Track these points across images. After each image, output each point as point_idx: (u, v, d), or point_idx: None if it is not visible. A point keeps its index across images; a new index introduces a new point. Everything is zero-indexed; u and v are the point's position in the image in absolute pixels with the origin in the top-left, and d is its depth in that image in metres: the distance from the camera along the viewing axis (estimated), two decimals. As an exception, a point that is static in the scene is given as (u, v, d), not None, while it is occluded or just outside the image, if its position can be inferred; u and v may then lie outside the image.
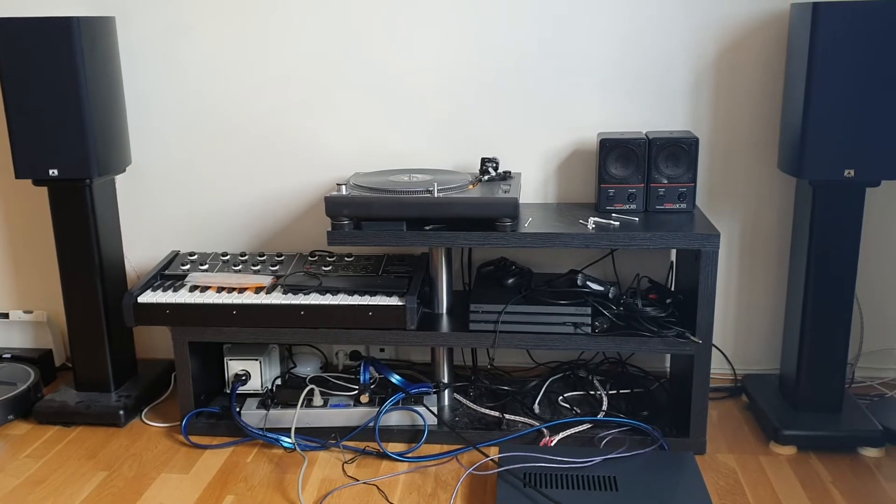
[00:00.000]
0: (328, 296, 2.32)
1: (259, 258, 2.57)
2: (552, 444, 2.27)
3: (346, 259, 2.54)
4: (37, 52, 2.30)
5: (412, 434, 2.35)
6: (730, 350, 2.72)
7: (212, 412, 2.46)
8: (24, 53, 2.30)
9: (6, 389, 2.55)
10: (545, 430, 2.33)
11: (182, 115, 2.68)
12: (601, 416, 2.39)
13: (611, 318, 2.28)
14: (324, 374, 2.66)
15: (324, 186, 2.70)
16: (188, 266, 2.52)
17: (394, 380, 2.45)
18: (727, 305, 2.69)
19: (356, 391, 2.44)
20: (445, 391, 2.50)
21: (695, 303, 2.20)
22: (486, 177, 2.41)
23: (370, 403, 2.38)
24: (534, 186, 2.63)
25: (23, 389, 2.55)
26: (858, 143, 2.15)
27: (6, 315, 2.87)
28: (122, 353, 2.65)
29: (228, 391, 2.47)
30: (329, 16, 2.56)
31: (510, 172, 2.45)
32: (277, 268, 2.49)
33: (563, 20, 2.50)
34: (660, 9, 2.47)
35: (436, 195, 2.21)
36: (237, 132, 2.68)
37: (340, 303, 2.29)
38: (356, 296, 2.32)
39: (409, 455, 2.28)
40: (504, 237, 2.21)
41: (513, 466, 2.08)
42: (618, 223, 2.27)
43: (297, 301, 2.30)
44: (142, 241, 2.80)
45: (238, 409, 2.39)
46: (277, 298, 2.32)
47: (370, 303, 2.28)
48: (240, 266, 2.51)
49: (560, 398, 2.51)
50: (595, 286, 2.33)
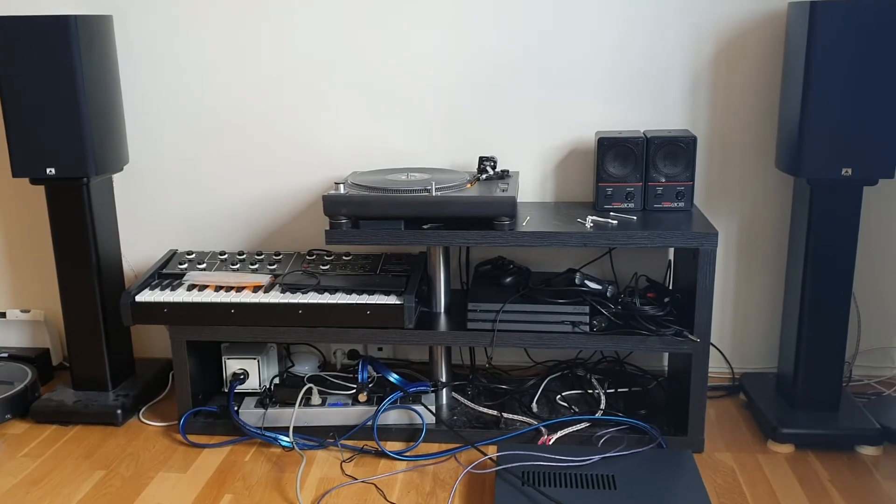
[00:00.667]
0: (326, 295, 2.32)
1: (257, 257, 2.56)
2: (550, 443, 2.27)
3: (344, 258, 2.54)
4: (34, 51, 2.30)
5: (410, 433, 2.35)
6: (728, 349, 2.72)
7: (210, 411, 2.45)
8: (21, 52, 2.30)
9: (3, 389, 2.54)
10: (543, 429, 2.33)
11: (180, 114, 2.68)
12: (599, 415, 2.39)
13: (609, 317, 2.28)
14: (322, 373, 2.66)
15: (322, 185, 2.70)
16: (186, 265, 2.52)
17: (392, 379, 2.45)
18: (725, 304, 2.69)
19: (354, 390, 2.44)
20: (443, 390, 2.50)
21: (693, 301, 2.20)
22: (484, 176, 2.40)
23: (368, 402, 2.38)
24: (532, 185, 2.63)
25: (20, 389, 2.55)
26: (855, 142, 2.16)
27: (3, 314, 2.87)
28: (120, 353, 2.65)
29: (226, 390, 2.47)
30: (327, 15, 2.56)
31: (508, 171, 2.45)
32: (275, 267, 2.49)
33: (561, 19, 2.50)
34: (658, 7, 2.47)
35: (434, 194, 2.21)
36: (235, 131, 2.68)
37: (338, 302, 2.29)
38: (354, 295, 2.32)
39: (408, 454, 2.28)
40: (502, 236, 2.21)
41: (511, 465, 2.08)
42: (616, 222, 2.27)
43: (295, 300, 2.30)
44: (139, 240, 2.80)
45: (236, 408, 2.38)
46: (275, 297, 2.32)
47: (368, 302, 2.28)
48: (238, 265, 2.51)
49: (558, 397, 2.51)
50: (593, 285, 2.33)
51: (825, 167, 2.19)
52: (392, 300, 2.28)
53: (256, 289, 2.38)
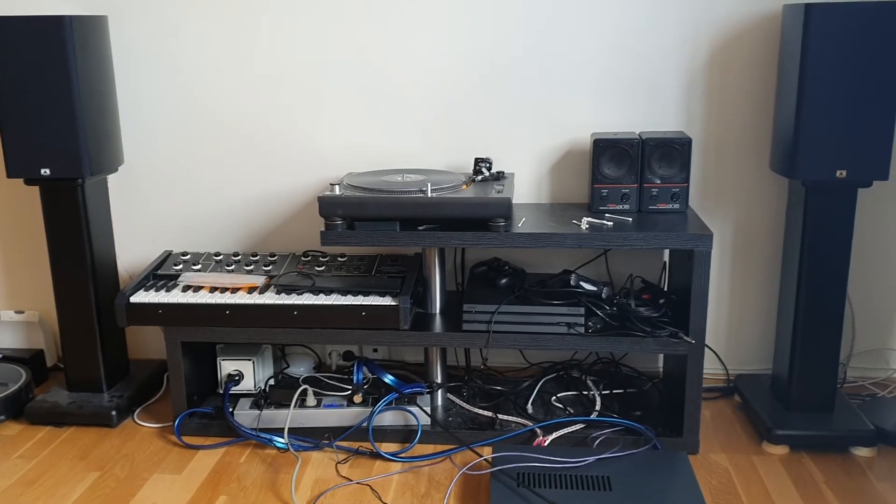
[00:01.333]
0: (321, 296, 2.32)
1: (252, 258, 2.56)
2: (545, 444, 2.27)
3: (340, 259, 2.53)
4: (29, 51, 2.29)
5: (405, 434, 2.35)
6: (722, 350, 2.72)
7: (204, 412, 2.45)
8: (16, 52, 2.29)
9: (-3, 390, 2.54)
10: (538, 430, 2.33)
11: (175, 115, 2.67)
12: (594, 416, 2.39)
13: (604, 319, 2.28)
14: (317, 375, 2.65)
15: (317, 186, 2.69)
16: (181, 266, 2.51)
17: (387, 380, 2.44)
18: (720, 305, 2.69)
19: (349, 391, 2.44)
20: (439, 391, 2.50)
21: (688, 303, 2.20)
22: (480, 177, 2.41)
23: (363, 403, 2.38)
24: (527, 186, 2.64)
25: (14, 390, 2.54)
26: (850, 144, 2.16)
27: (-3, 315, 2.87)
28: (115, 354, 2.64)
29: (221, 391, 2.47)
30: (322, 15, 2.56)
31: (503, 172, 2.45)
32: (270, 268, 2.49)
33: (556, 20, 2.50)
34: (653, 9, 2.47)
35: (429, 195, 2.21)
36: (230, 132, 2.67)
37: (334, 303, 2.29)
38: (349, 296, 2.32)
39: (403, 455, 2.28)
40: (497, 237, 2.21)
41: (506, 466, 2.08)
42: (611, 223, 2.27)
43: (291, 301, 2.30)
44: (134, 241, 2.79)
45: (231, 410, 2.38)
46: (270, 298, 2.31)
47: (363, 303, 2.28)
48: (233, 266, 2.50)
49: (553, 398, 2.51)
50: (588, 286, 2.34)
51: (820, 169, 2.19)
52: (387, 301, 2.28)
53: (251, 290, 2.37)
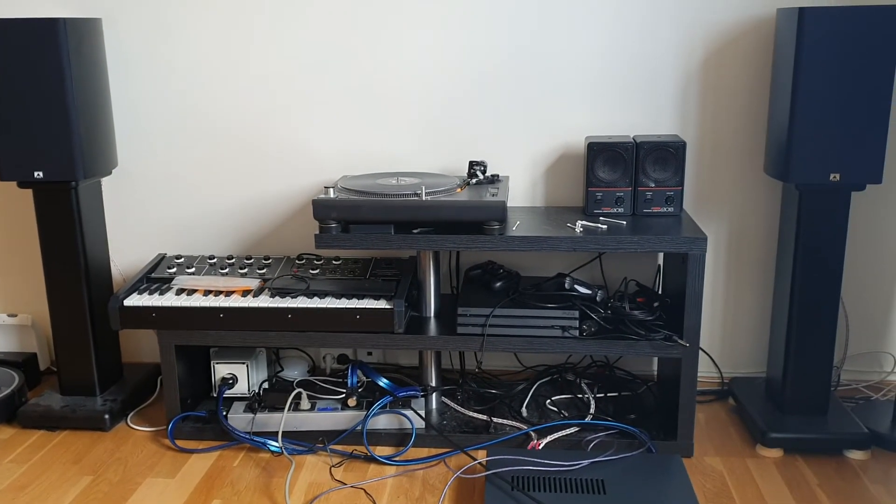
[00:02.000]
0: (316, 299, 2.32)
1: (246, 261, 2.56)
2: (540, 448, 2.27)
3: (334, 262, 2.53)
4: (22, 54, 2.28)
5: (400, 437, 2.35)
6: (717, 353, 2.73)
7: (198, 416, 2.44)
8: (10, 54, 2.28)
9: (-10, 393, 2.53)
10: (533, 434, 2.32)
11: (169, 118, 2.67)
12: (589, 420, 2.39)
13: (598, 322, 2.28)
14: (311, 378, 2.65)
15: (311, 189, 2.69)
16: (175, 269, 2.51)
17: (381, 383, 2.44)
18: (714, 309, 2.70)
19: (344, 395, 2.43)
20: (433, 394, 2.50)
21: (682, 306, 2.20)
22: (474, 180, 2.41)
23: (358, 407, 2.37)
24: (522, 190, 2.64)
25: (7, 393, 2.53)
26: (844, 148, 2.17)
27: (-10, 318, 2.85)
28: (108, 357, 2.63)
29: (215, 395, 2.46)
30: (316, 19, 2.56)
31: (498, 176, 2.45)
32: (265, 271, 2.48)
33: (551, 24, 2.51)
34: (647, 13, 2.48)
35: (424, 198, 2.21)
36: (224, 135, 2.67)
37: (328, 306, 2.28)
38: (344, 299, 2.31)
39: (397, 459, 2.28)
40: (492, 240, 2.21)
41: (500, 470, 2.08)
42: (605, 226, 2.28)
43: (285, 304, 2.29)
44: (128, 244, 2.78)
45: (225, 413, 2.37)
46: (265, 301, 2.31)
47: (358, 306, 2.28)
48: (227, 269, 2.50)
49: (548, 401, 2.51)
50: (583, 289, 2.34)
51: (813, 172, 2.19)
52: (382, 304, 2.28)
53: (245, 293, 2.37)
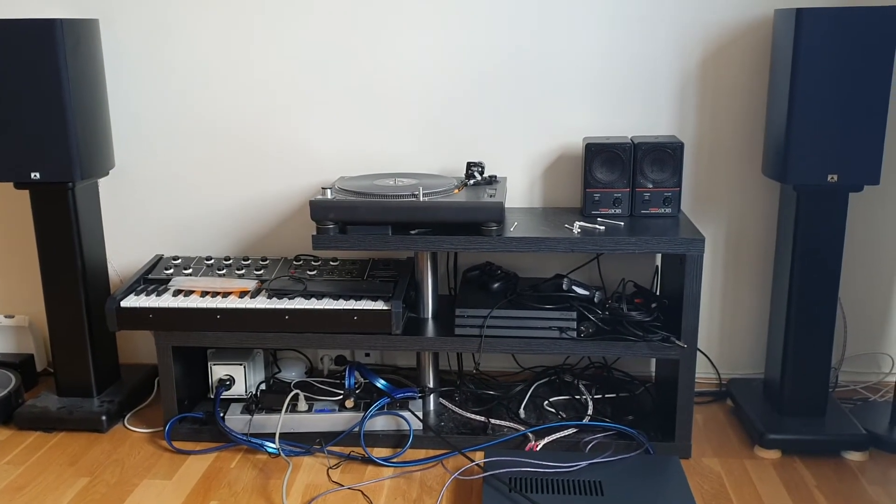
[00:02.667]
0: (313, 300, 2.31)
1: (243, 262, 2.55)
2: (537, 449, 2.26)
3: (331, 263, 2.53)
4: (19, 54, 2.28)
5: (397, 439, 2.34)
6: (715, 354, 2.73)
7: (195, 417, 2.44)
8: (6, 55, 2.28)
9: (-13, 395, 2.53)
10: (531, 435, 2.32)
11: (166, 119, 2.67)
12: (586, 421, 2.38)
13: (596, 323, 2.28)
14: (309, 379, 2.65)
15: (309, 190, 2.69)
16: (172, 270, 2.50)
17: (379, 384, 2.44)
18: (712, 310, 2.69)
19: (341, 396, 2.43)
20: (431, 396, 2.50)
21: (680, 307, 2.20)
22: (472, 181, 2.40)
23: (355, 408, 2.37)
24: (519, 191, 2.63)
25: (3, 395, 2.53)
26: (841, 149, 2.17)
27: (-13, 320, 2.85)
28: (105, 358, 2.63)
29: (212, 396, 2.46)
30: (314, 19, 2.56)
31: (496, 177, 2.45)
32: (262, 272, 2.48)
33: (549, 25, 2.50)
34: (645, 14, 2.47)
35: (421, 199, 2.21)
36: (222, 135, 2.67)
37: (325, 307, 2.28)
38: (341, 300, 2.31)
39: (395, 460, 2.27)
40: (490, 241, 2.20)
41: (498, 471, 2.08)
42: (603, 227, 2.27)
43: (282, 305, 2.29)
44: (125, 245, 2.78)
45: (222, 415, 2.37)
46: (262, 303, 2.31)
47: (355, 307, 2.27)
48: (224, 270, 2.49)
49: (545, 403, 2.51)
50: (580, 290, 2.34)
51: (811, 173, 2.19)
52: (379, 306, 2.28)
53: (243, 294, 2.37)
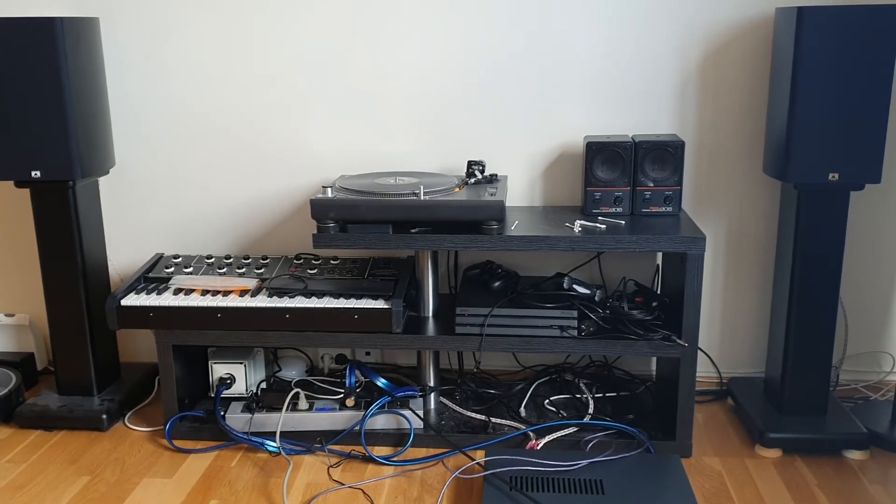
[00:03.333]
0: (313, 299, 2.31)
1: (244, 261, 2.55)
2: (538, 448, 2.26)
3: (332, 262, 2.53)
4: (19, 53, 2.28)
5: (398, 438, 2.34)
6: (715, 353, 2.72)
7: (196, 416, 2.43)
8: (6, 54, 2.28)
9: (-13, 393, 2.53)
10: (531, 434, 2.32)
11: (166, 117, 2.66)
12: (587, 420, 2.38)
13: (597, 322, 2.27)
14: (309, 378, 2.65)
15: (309, 189, 2.69)
16: (172, 269, 2.50)
17: (379, 383, 2.44)
18: (713, 308, 2.69)
19: (342, 395, 2.43)
20: (431, 395, 2.49)
21: (681, 306, 2.20)
22: (473, 180, 2.40)
23: (356, 407, 2.37)
24: (520, 189, 2.63)
25: (4, 393, 2.53)
26: (842, 148, 2.16)
27: (-12, 318, 2.85)
28: (105, 357, 2.63)
29: (213, 395, 2.46)
30: (315, 19, 2.55)
31: (496, 175, 2.45)
32: (262, 270, 2.48)
33: (549, 24, 2.50)
34: (646, 13, 2.47)
35: (422, 198, 2.21)
36: (222, 134, 2.66)
37: (326, 306, 2.28)
38: (342, 299, 2.31)
39: (395, 459, 2.27)
40: (490, 240, 2.20)
41: (499, 470, 2.08)
42: (604, 226, 2.27)
43: (283, 304, 2.29)
44: (125, 244, 2.78)
45: (222, 413, 2.37)
46: (262, 301, 2.30)
47: (356, 306, 2.27)
48: (224, 269, 2.49)
49: (546, 401, 2.51)
50: (581, 289, 2.33)
51: (812, 172, 2.19)
52: (380, 304, 2.28)
53: (243, 293, 2.36)
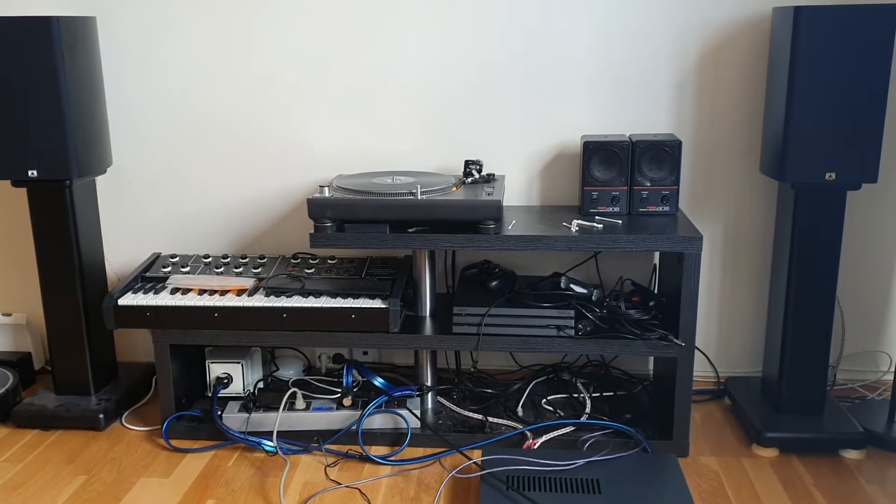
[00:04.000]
0: (311, 298, 2.31)
1: (241, 260, 2.55)
2: (535, 447, 2.26)
3: (329, 261, 2.53)
4: (16, 52, 2.28)
5: (395, 437, 2.34)
6: (712, 352, 2.73)
7: (193, 416, 2.43)
8: (3, 53, 2.27)
9: (-16, 393, 2.52)
10: (528, 433, 2.32)
11: (164, 117, 2.66)
12: (584, 419, 2.38)
13: (594, 321, 2.27)
14: (306, 377, 2.65)
15: (307, 188, 2.69)
16: (169, 268, 2.50)
17: (377, 383, 2.44)
18: (710, 308, 2.69)
19: (339, 394, 2.43)
20: (429, 394, 2.49)
21: (678, 305, 2.20)
22: (470, 179, 2.40)
23: (353, 406, 2.37)
24: (517, 189, 2.63)
25: (1, 393, 2.52)
26: (839, 147, 2.17)
27: (-16, 318, 2.84)
28: (102, 356, 2.62)
29: (210, 394, 2.46)
30: (313, 18, 2.55)
31: (494, 175, 2.45)
32: (260, 270, 2.48)
33: (547, 23, 2.50)
34: (643, 12, 2.47)
35: (419, 197, 2.21)
36: (219, 133, 2.66)
37: (323, 305, 2.28)
38: (339, 298, 2.31)
39: (392, 458, 2.27)
40: (487, 239, 2.20)
41: (496, 469, 2.08)
42: (601, 226, 2.27)
43: (280, 304, 2.29)
44: (122, 243, 2.77)
45: (220, 413, 2.37)
46: (260, 301, 2.30)
47: (353, 305, 2.27)
48: (222, 268, 2.49)
49: (543, 401, 2.51)
50: (578, 289, 2.33)
51: (809, 172, 2.19)
52: (377, 304, 2.28)
53: (240, 292, 2.36)
